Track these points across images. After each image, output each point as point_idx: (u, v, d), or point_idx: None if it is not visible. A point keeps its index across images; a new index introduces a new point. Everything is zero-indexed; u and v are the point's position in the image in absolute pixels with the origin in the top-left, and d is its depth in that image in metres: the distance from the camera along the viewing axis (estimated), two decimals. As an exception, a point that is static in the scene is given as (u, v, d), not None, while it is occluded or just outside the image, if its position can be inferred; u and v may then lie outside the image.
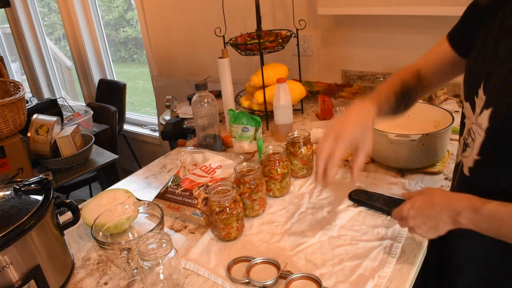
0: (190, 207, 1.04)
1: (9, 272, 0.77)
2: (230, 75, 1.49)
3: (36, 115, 1.99)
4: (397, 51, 1.79)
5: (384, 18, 1.73)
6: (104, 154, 2.18)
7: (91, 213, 1.03)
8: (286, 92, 1.40)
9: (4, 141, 1.72)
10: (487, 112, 0.71)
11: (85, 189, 3.03)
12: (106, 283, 0.89)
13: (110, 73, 3.56)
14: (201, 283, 0.86)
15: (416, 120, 1.30)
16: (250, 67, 2.12)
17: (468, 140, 0.78)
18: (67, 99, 2.91)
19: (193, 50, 2.53)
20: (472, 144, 0.76)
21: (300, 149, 1.16)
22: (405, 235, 0.92)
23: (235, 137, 1.32)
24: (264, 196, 1.06)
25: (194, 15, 2.40)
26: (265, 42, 1.56)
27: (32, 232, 0.80)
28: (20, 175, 1.78)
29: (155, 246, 0.81)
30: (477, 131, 0.74)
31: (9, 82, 1.89)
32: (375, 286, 0.79)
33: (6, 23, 4.08)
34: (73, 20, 3.31)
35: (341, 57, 1.94)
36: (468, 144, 0.78)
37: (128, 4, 3.59)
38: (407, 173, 1.16)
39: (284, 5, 1.98)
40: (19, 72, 4.61)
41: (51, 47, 4.03)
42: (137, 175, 1.38)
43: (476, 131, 0.74)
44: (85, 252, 1.00)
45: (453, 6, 1.42)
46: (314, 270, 0.84)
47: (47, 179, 0.90)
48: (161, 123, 1.97)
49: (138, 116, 3.52)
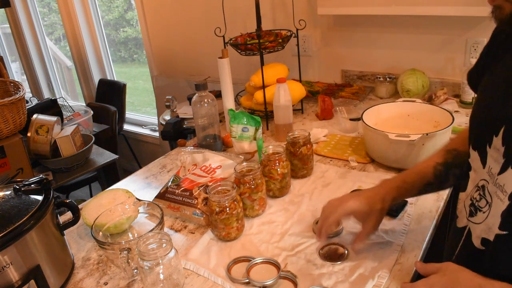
0: (190, 207, 1.04)
1: (9, 272, 0.77)
2: (230, 75, 1.49)
3: (36, 115, 1.99)
4: (397, 51, 1.79)
5: (384, 18, 1.73)
6: (104, 154, 2.18)
7: (91, 213, 1.03)
8: (286, 92, 1.40)
9: (4, 141, 1.72)
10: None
11: (85, 189, 3.02)
12: (106, 283, 0.89)
13: (110, 73, 3.56)
14: (201, 283, 0.86)
15: (416, 120, 1.30)
16: (250, 67, 2.12)
17: (480, 203, 0.64)
18: (67, 99, 2.91)
19: (193, 50, 2.52)
20: (488, 209, 0.62)
21: (300, 149, 1.16)
22: (405, 235, 0.92)
23: (235, 137, 1.32)
24: (264, 196, 1.06)
25: (194, 15, 2.40)
26: (265, 42, 1.56)
27: (32, 232, 0.79)
28: (20, 175, 1.78)
29: (155, 246, 0.81)
30: (497, 194, 0.60)
31: (9, 82, 1.89)
32: (375, 286, 0.79)
33: (6, 23, 4.08)
34: (73, 20, 3.31)
35: (341, 57, 1.94)
36: (480, 208, 0.64)
37: (128, 4, 3.59)
38: (407, 173, 1.16)
39: (284, 5, 1.98)
40: (19, 72, 4.61)
41: (51, 47, 4.03)
42: (137, 175, 1.38)
43: (495, 193, 0.60)
44: (85, 252, 1.00)
45: (453, 6, 1.43)
46: (314, 270, 0.84)
47: (47, 179, 0.90)
48: (161, 123, 1.97)
49: (138, 116, 3.52)
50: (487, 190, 0.63)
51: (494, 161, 0.61)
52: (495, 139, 0.60)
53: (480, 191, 0.64)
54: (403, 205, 1.01)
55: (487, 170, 0.63)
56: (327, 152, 1.33)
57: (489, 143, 0.62)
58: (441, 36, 1.66)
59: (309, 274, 0.84)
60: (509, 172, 0.57)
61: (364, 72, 1.89)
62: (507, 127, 0.58)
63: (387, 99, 1.74)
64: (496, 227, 0.60)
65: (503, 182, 0.58)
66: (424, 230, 0.93)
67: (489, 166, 0.62)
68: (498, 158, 0.59)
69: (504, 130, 0.58)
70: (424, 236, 0.92)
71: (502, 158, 0.59)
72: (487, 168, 0.63)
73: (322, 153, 1.34)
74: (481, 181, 0.64)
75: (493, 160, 0.61)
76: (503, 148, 0.58)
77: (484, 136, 0.63)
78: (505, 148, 0.58)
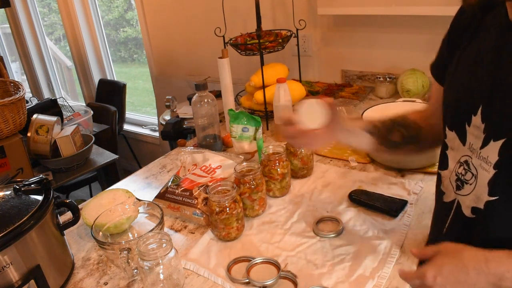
0: (190, 207, 1.04)
1: (9, 272, 0.77)
2: (230, 75, 1.49)
3: (36, 115, 1.99)
4: (397, 51, 1.79)
5: (384, 18, 1.73)
6: (104, 154, 2.18)
7: (91, 213, 1.03)
8: (286, 92, 1.40)
9: (4, 141, 1.72)
10: (495, 144, 0.61)
11: (85, 189, 3.02)
12: (106, 283, 0.89)
13: (110, 73, 3.56)
14: (201, 283, 0.86)
15: (416, 120, 1.30)
16: (250, 67, 2.12)
17: (465, 176, 0.68)
18: (67, 99, 2.91)
19: (193, 50, 2.53)
20: (474, 181, 0.66)
21: (300, 149, 1.16)
22: (405, 235, 0.92)
23: (235, 137, 1.32)
24: (264, 196, 1.06)
25: (194, 15, 2.40)
26: (265, 42, 1.56)
27: (32, 232, 0.80)
28: (20, 175, 1.78)
29: (155, 246, 0.81)
30: (481, 166, 0.64)
31: (9, 82, 1.89)
32: (375, 286, 0.79)
33: (6, 23, 4.08)
34: (73, 20, 3.31)
35: (341, 57, 1.94)
36: (467, 181, 0.68)
37: (128, 4, 3.59)
38: (407, 173, 1.16)
39: (284, 5, 1.98)
40: (19, 72, 4.61)
41: (51, 47, 4.03)
42: (137, 175, 1.38)
43: (479, 166, 0.65)
44: (85, 252, 1.00)
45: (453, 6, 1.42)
46: (314, 270, 0.84)
47: (47, 179, 0.90)
48: (161, 123, 1.97)
49: (138, 116, 3.52)
50: (471, 164, 0.67)
51: (475, 137, 0.65)
52: (474, 118, 0.65)
53: (464, 166, 0.68)
54: (403, 205, 1.01)
55: (468, 147, 0.67)
56: (327, 152, 1.33)
57: (468, 122, 0.67)
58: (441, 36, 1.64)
59: (309, 274, 0.84)
60: (491, 145, 0.62)
61: (364, 72, 1.89)
62: (484, 106, 0.63)
63: (387, 99, 1.74)
64: (486, 195, 0.64)
65: (486, 154, 0.63)
66: (424, 230, 0.93)
67: (469, 142, 0.67)
68: (479, 134, 0.64)
69: (482, 109, 0.64)
70: (424, 236, 0.91)
71: (483, 134, 0.64)
72: (468, 145, 0.67)
73: (322, 153, 1.34)
74: (463, 157, 0.69)
75: (473, 137, 0.66)
76: (483, 124, 0.63)
77: (462, 117, 0.68)
78: (485, 124, 0.63)
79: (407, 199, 1.03)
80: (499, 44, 0.63)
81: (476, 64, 0.67)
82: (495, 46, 0.64)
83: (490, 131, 0.63)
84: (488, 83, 0.64)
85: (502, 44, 0.63)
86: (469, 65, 0.69)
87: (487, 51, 0.65)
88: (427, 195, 1.05)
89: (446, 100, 0.75)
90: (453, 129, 0.71)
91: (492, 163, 0.62)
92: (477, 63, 0.67)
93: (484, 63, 0.66)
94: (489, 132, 0.63)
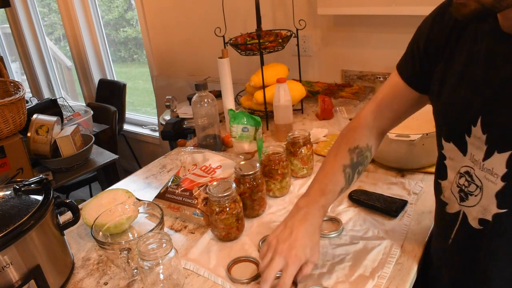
0: (190, 207, 1.04)
1: (9, 272, 0.77)
2: (230, 75, 1.49)
3: (36, 115, 1.99)
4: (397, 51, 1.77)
5: (384, 18, 1.73)
6: (104, 154, 2.18)
7: (91, 213, 1.03)
8: (286, 92, 1.40)
9: (4, 141, 1.72)
10: (501, 156, 0.60)
11: (85, 189, 3.03)
12: (106, 283, 0.89)
13: (110, 73, 3.56)
14: (201, 283, 0.86)
15: (416, 120, 1.30)
16: (250, 67, 2.12)
17: (469, 188, 0.67)
18: (67, 99, 2.91)
19: (193, 50, 2.53)
20: (479, 192, 0.65)
21: (300, 149, 1.16)
22: (405, 235, 0.92)
23: (235, 137, 1.32)
24: (264, 196, 1.06)
25: (194, 15, 2.40)
26: (265, 42, 1.56)
27: (32, 232, 0.80)
28: (20, 175, 1.78)
29: (155, 246, 0.81)
30: (486, 177, 0.63)
31: (9, 82, 1.89)
32: (375, 286, 0.79)
33: (6, 23, 4.08)
34: (73, 20, 3.31)
35: (341, 57, 1.94)
36: (471, 192, 0.67)
37: (128, 4, 3.59)
38: (407, 173, 1.16)
39: (284, 5, 1.98)
40: (19, 72, 4.61)
41: (51, 47, 4.03)
42: (137, 175, 1.38)
43: (484, 177, 0.64)
44: (85, 252, 1.00)
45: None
46: (314, 270, 0.84)
47: (47, 179, 0.90)
48: (161, 123, 1.97)
49: (138, 116, 3.52)
50: (474, 175, 0.66)
51: (476, 148, 0.64)
52: (473, 129, 0.64)
53: (466, 177, 0.67)
54: (403, 205, 1.01)
55: (469, 157, 0.66)
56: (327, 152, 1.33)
57: (467, 133, 0.65)
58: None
59: (309, 274, 0.83)
60: (496, 157, 0.61)
61: (364, 72, 1.89)
62: (484, 117, 0.62)
63: (387, 99, 1.74)
64: (494, 206, 0.63)
65: (491, 166, 0.62)
66: (424, 230, 0.93)
67: (470, 153, 0.66)
68: (481, 146, 0.63)
69: (481, 119, 0.62)
70: (424, 236, 0.92)
71: (485, 145, 0.62)
72: (469, 156, 0.66)
73: (322, 153, 1.33)
74: (463, 168, 0.68)
75: (475, 147, 0.64)
76: (485, 136, 0.62)
77: (460, 128, 0.66)
78: (487, 135, 0.62)
79: (407, 199, 1.03)
80: (492, 54, 0.62)
81: (468, 74, 0.66)
82: (487, 56, 0.63)
83: (492, 143, 0.61)
84: (485, 93, 0.62)
85: (495, 54, 0.61)
86: (460, 77, 0.68)
87: (479, 61, 0.64)
88: (427, 195, 1.05)
89: (441, 112, 0.73)
90: (450, 141, 0.70)
91: (499, 175, 0.61)
92: (469, 73, 0.66)
93: (477, 73, 0.64)
94: (492, 143, 0.61)
